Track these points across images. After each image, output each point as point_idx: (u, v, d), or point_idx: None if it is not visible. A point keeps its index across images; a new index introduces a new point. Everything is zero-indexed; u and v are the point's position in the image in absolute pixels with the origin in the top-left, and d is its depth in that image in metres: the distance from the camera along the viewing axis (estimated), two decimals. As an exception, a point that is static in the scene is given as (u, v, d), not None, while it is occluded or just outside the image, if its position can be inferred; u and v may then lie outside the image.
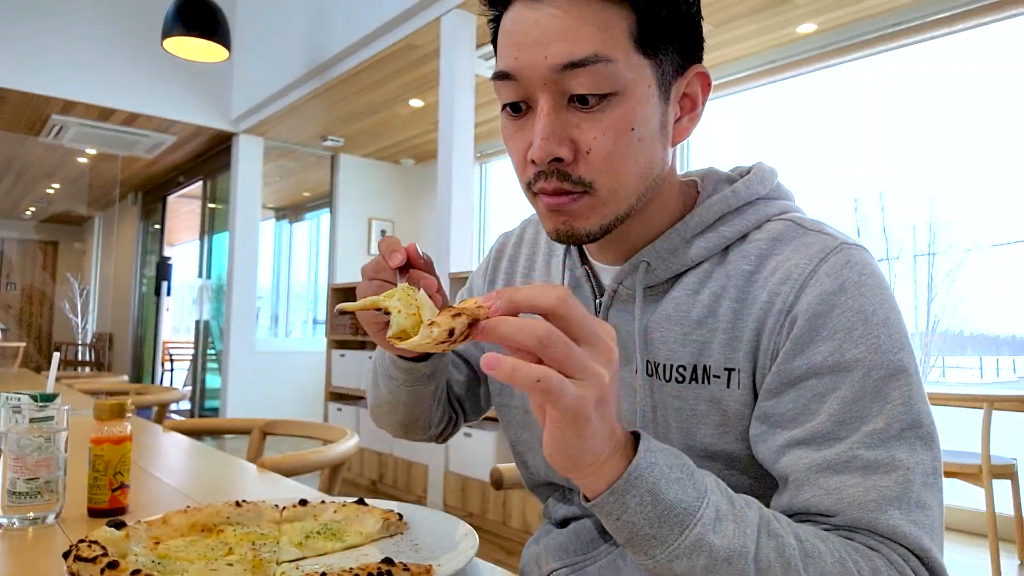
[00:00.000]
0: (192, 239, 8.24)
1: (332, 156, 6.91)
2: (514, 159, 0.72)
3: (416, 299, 0.59)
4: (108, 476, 0.90)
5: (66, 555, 0.63)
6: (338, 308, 0.66)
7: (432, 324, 0.50)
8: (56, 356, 1.15)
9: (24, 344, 7.90)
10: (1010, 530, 3.20)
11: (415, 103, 5.31)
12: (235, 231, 6.24)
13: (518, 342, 0.47)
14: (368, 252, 6.97)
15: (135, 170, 8.08)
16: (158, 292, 7.13)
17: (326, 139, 6.36)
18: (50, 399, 1.01)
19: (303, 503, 0.85)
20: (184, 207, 8.82)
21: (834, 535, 0.60)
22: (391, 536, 0.79)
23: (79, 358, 10.55)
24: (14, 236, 11.83)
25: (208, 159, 7.12)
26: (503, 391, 0.94)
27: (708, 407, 0.71)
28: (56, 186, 9.51)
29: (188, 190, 8.01)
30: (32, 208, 11.06)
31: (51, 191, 9.84)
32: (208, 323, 7.35)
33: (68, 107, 5.72)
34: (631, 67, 0.65)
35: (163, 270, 7.01)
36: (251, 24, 5.87)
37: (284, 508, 0.84)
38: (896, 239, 4.67)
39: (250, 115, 6.00)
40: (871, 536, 0.60)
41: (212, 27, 4.18)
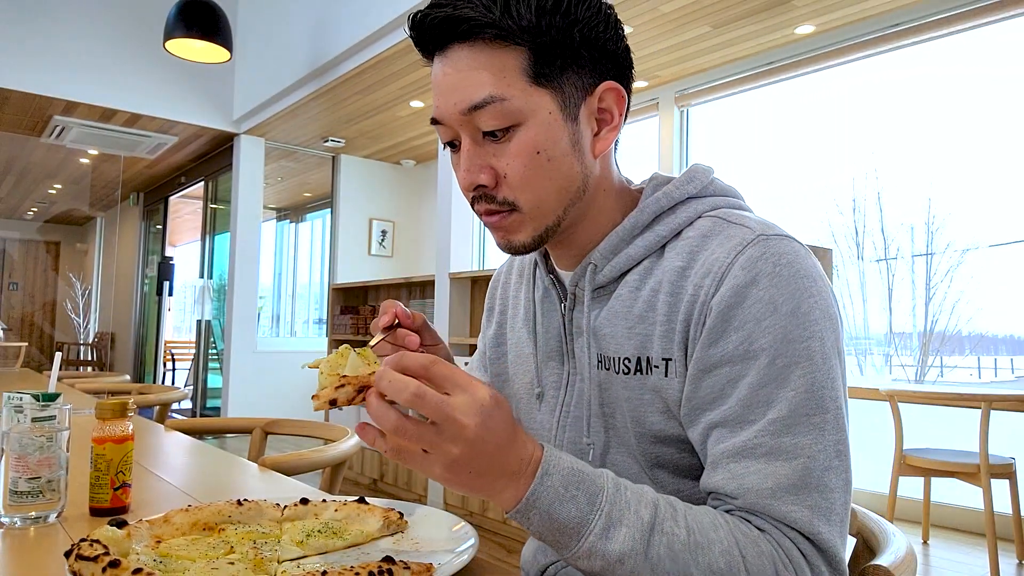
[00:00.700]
0: (194, 239, 8.24)
1: (333, 157, 6.92)
2: (460, 187, 0.82)
3: (343, 362, 0.69)
4: (110, 475, 0.90)
5: (68, 554, 0.63)
6: (303, 366, 0.75)
7: (314, 396, 0.65)
8: (58, 356, 1.15)
9: (26, 344, 7.91)
10: (1008, 529, 3.20)
11: (416, 104, 5.32)
12: (236, 231, 6.24)
13: (394, 398, 0.59)
14: (368, 252, 6.98)
15: (137, 171, 8.09)
16: (160, 292, 7.15)
17: (327, 140, 6.36)
18: (52, 399, 1.01)
19: (304, 502, 0.86)
20: (186, 208, 8.83)
21: (733, 518, 0.67)
22: (392, 535, 0.80)
23: (81, 358, 10.57)
24: (16, 236, 11.84)
25: (209, 160, 7.13)
26: (501, 390, 0.96)
27: (652, 396, 0.77)
28: (58, 186, 9.52)
29: (189, 191, 8.01)
30: (34, 208, 11.07)
31: (53, 191, 9.85)
32: (209, 323, 7.37)
33: (70, 108, 5.73)
34: (528, 99, 0.74)
35: (165, 270, 7.02)
36: (252, 25, 5.88)
37: (285, 507, 0.85)
38: (894, 239, 4.68)
39: (251, 116, 6.01)
40: (766, 520, 0.66)
41: (214, 28, 4.19)
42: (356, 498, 0.87)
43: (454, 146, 0.80)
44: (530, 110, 0.74)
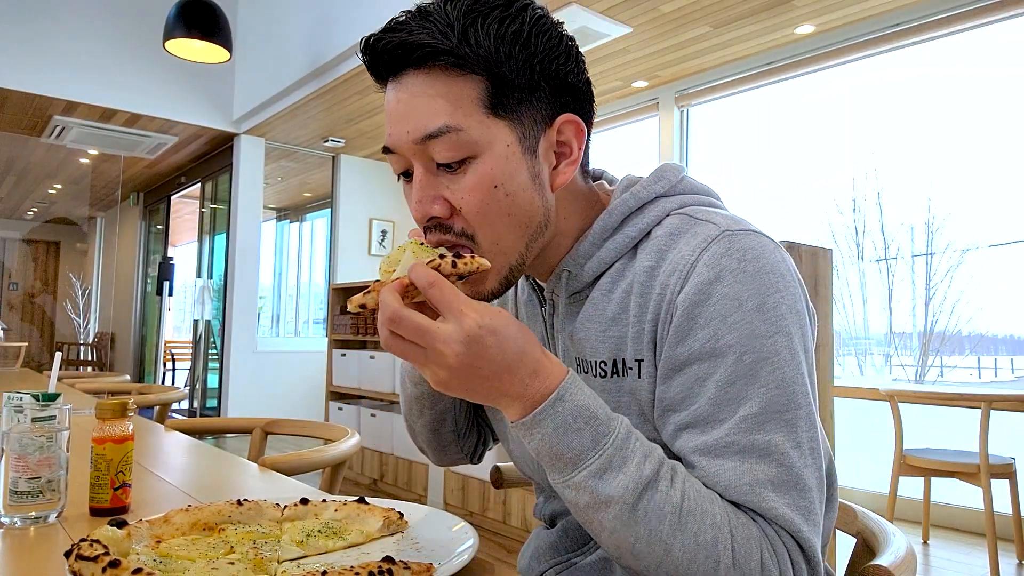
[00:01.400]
0: (194, 240, 8.25)
1: (333, 157, 6.92)
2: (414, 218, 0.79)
3: (400, 257, 0.70)
4: (110, 475, 0.90)
5: (68, 554, 0.63)
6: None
7: (350, 299, 0.68)
8: (58, 356, 1.15)
9: (26, 344, 7.91)
10: (1008, 529, 3.20)
11: (416, 104, 5.31)
12: (236, 231, 6.25)
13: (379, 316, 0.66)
14: (369, 252, 6.98)
15: (137, 171, 8.09)
16: (160, 292, 7.15)
17: (327, 140, 6.36)
18: (52, 398, 1.01)
19: (304, 502, 0.86)
20: (186, 208, 8.82)
21: (726, 501, 0.66)
22: (392, 535, 0.80)
23: (81, 358, 10.57)
24: (16, 236, 11.85)
25: (209, 160, 7.13)
26: None
27: (629, 399, 0.76)
28: (58, 187, 9.52)
29: (190, 191, 8.01)
30: (34, 208, 11.08)
31: (53, 192, 9.85)
32: (209, 323, 7.37)
33: (70, 108, 5.73)
34: (485, 131, 0.71)
35: (165, 270, 7.02)
36: (252, 25, 5.88)
37: (285, 507, 0.85)
38: (894, 239, 4.68)
39: (251, 116, 6.01)
40: (752, 512, 0.65)
41: (213, 28, 4.18)
42: (356, 498, 0.87)
43: (408, 176, 0.77)
44: (487, 142, 0.71)
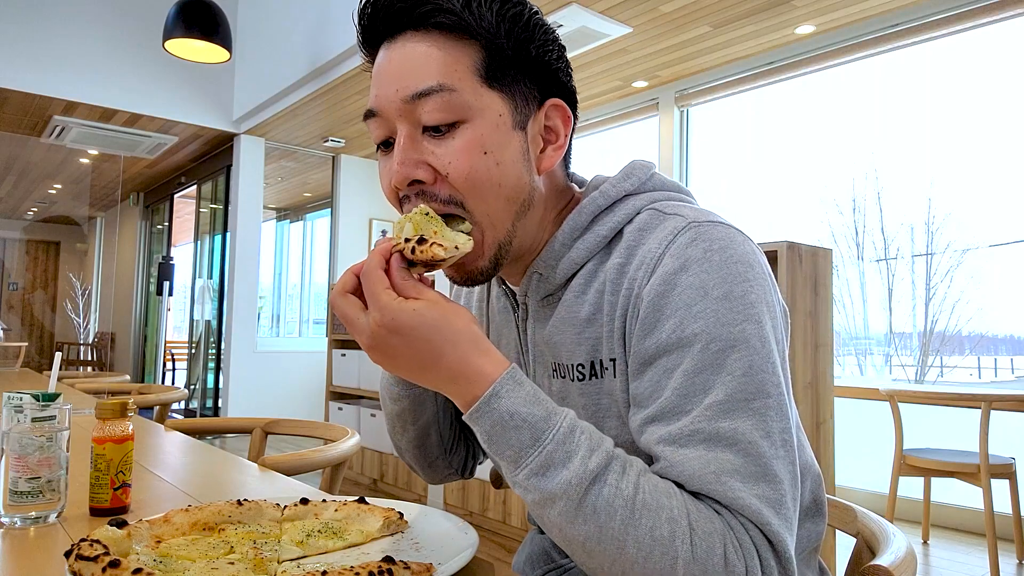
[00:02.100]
0: (199, 239, 8.25)
1: (333, 157, 6.92)
2: (385, 193, 0.76)
3: (412, 220, 0.69)
4: (110, 475, 0.90)
5: (68, 554, 0.63)
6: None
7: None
8: (58, 356, 1.15)
9: (26, 344, 7.91)
10: (1008, 529, 3.20)
11: (416, 104, 5.31)
12: (236, 231, 6.25)
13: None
14: (369, 252, 6.98)
15: (137, 171, 8.08)
16: (160, 292, 7.14)
17: (327, 140, 6.36)
18: (52, 398, 1.01)
19: (304, 502, 0.85)
20: (186, 208, 8.82)
21: (690, 495, 0.62)
22: (392, 535, 0.80)
23: (81, 358, 10.57)
24: (16, 236, 11.84)
25: (209, 160, 7.13)
26: None
27: (609, 400, 0.74)
28: (58, 187, 9.52)
29: (192, 190, 8.02)
30: (34, 208, 11.07)
31: (53, 191, 9.85)
32: (209, 322, 7.37)
33: (70, 108, 5.73)
34: (478, 97, 0.70)
35: (165, 270, 7.01)
36: (252, 25, 5.87)
37: (285, 507, 0.85)
38: (894, 239, 4.68)
39: (251, 116, 6.01)
40: (715, 502, 0.62)
41: (213, 28, 4.18)
42: (356, 498, 0.87)
43: (388, 145, 0.74)
44: (479, 108, 0.70)
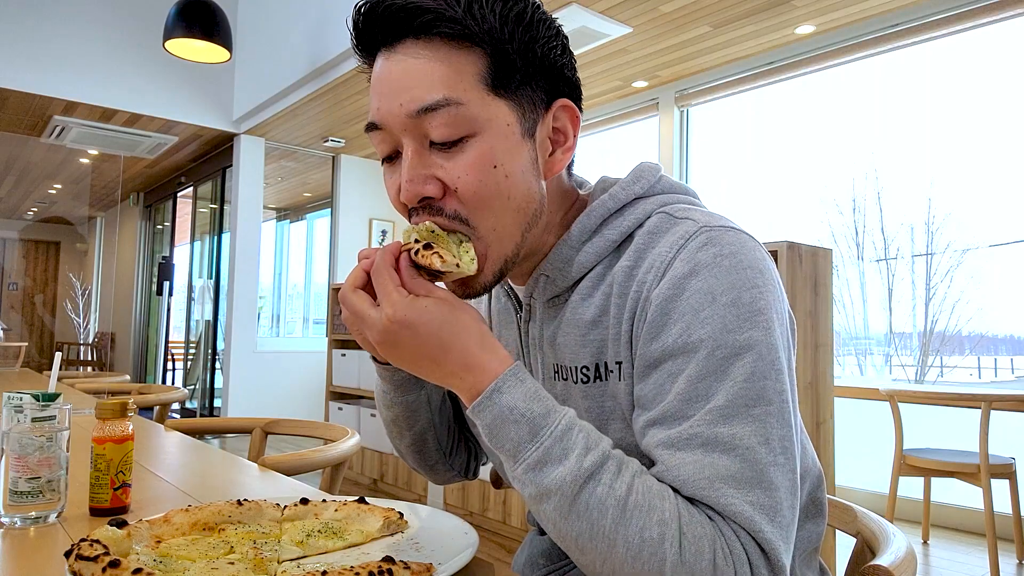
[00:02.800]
0: (199, 239, 8.25)
1: (333, 157, 6.92)
2: (393, 203, 0.75)
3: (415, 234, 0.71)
4: (110, 475, 0.90)
5: (68, 554, 0.63)
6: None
7: None
8: (58, 356, 1.15)
9: (26, 344, 7.91)
10: (1008, 529, 3.20)
11: (416, 104, 5.31)
12: (237, 231, 6.25)
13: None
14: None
15: (137, 171, 8.08)
16: (160, 292, 7.14)
17: (327, 140, 6.36)
18: (52, 398, 1.01)
19: (304, 502, 0.85)
20: (187, 208, 8.82)
21: (684, 500, 0.62)
22: (392, 535, 0.80)
23: (81, 358, 10.57)
24: (16, 236, 11.84)
25: (210, 160, 7.13)
26: None
27: (613, 403, 0.74)
28: (58, 187, 9.52)
29: (191, 191, 8.01)
30: (34, 208, 11.07)
31: (53, 191, 9.85)
32: (209, 322, 7.37)
33: (70, 108, 5.73)
34: (485, 108, 0.68)
35: (165, 270, 7.01)
36: (252, 25, 5.87)
37: (285, 507, 0.85)
38: (894, 239, 4.68)
39: (251, 116, 6.01)
40: (707, 508, 0.62)
41: (213, 28, 4.18)
42: (356, 498, 0.87)
43: (392, 159, 0.73)
44: (486, 119, 0.68)
